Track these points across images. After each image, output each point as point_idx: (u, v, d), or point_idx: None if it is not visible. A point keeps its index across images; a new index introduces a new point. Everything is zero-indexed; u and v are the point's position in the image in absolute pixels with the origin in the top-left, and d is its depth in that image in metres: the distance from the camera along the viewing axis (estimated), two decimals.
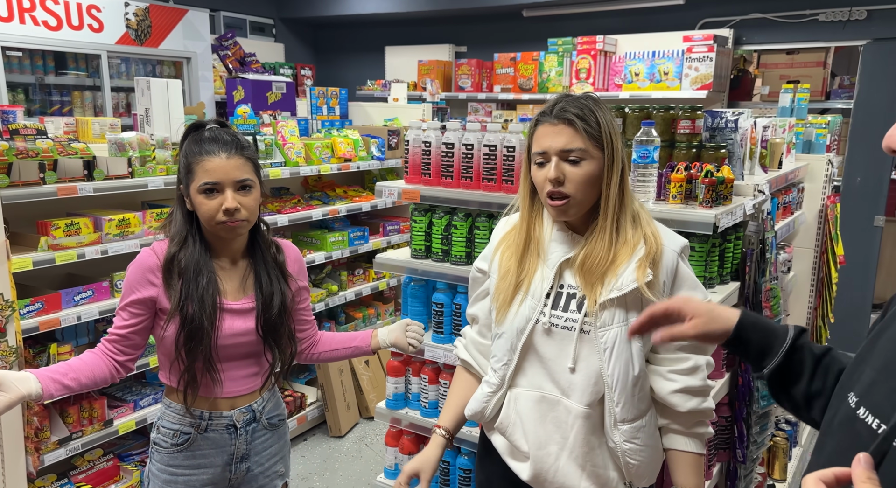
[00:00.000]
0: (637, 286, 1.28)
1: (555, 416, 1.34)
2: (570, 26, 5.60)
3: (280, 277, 1.58)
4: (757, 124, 2.18)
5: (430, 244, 2.13)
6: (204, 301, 1.45)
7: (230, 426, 1.56)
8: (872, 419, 0.70)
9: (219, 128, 1.51)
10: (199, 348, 1.46)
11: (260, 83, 4.92)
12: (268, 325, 1.54)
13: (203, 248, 1.50)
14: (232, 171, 1.43)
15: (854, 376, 0.78)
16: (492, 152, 1.97)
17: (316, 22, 7.15)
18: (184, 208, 1.50)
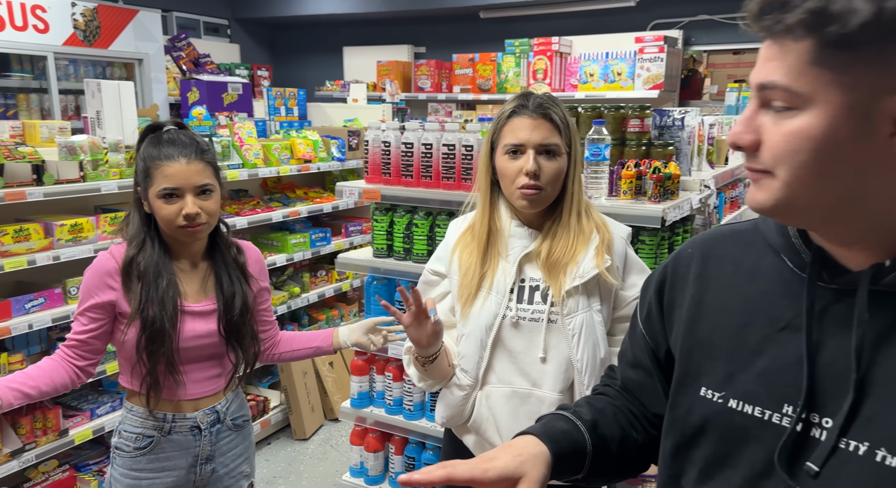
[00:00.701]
0: (598, 271, 1.35)
1: (527, 409, 1.39)
2: (527, 27, 5.70)
3: (241, 278, 1.58)
4: (704, 122, 2.27)
5: (391, 243, 2.15)
6: (164, 303, 1.45)
7: (194, 427, 1.56)
8: (752, 408, 0.71)
9: (177, 129, 1.50)
10: (161, 351, 1.45)
11: (215, 84, 4.85)
12: (230, 327, 1.54)
13: (162, 251, 1.49)
14: (192, 176, 1.43)
15: (692, 370, 0.78)
16: (450, 151, 2.01)
17: (272, 22, 7.07)
18: (141, 210, 1.49)
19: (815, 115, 0.60)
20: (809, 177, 0.62)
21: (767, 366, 0.71)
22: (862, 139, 0.60)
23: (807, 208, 0.65)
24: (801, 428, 0.68)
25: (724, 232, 0.82)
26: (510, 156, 1.35)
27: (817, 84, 0.59)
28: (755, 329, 0.73)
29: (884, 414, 0.62)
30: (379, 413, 2.17)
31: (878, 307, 0.64)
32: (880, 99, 0.58)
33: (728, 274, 0.78)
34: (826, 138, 0.60)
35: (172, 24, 6.14)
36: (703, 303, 0.79)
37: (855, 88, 0.58)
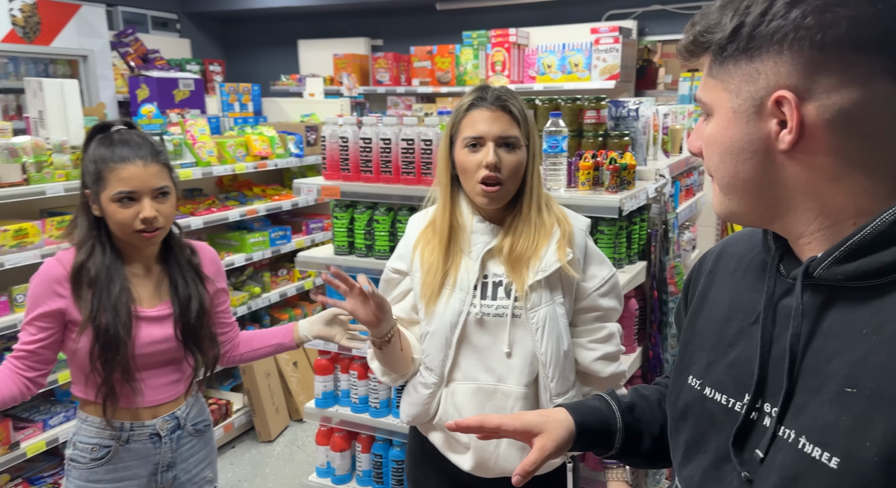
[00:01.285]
0: (560, 265, 1.35)
1: (493, 405, 1.39)
2: (484, 19, 5.69)
3: (196, 280, 1.53)
4: (659, 112, 2.31)
5: (353, 240, 2.13)
6: (118, 310, 1.40)
7: (154, 435, 1.51)
8: (721, 396, 0.75)
9: (127, 129, 1.45)
10: (117, 359, 1.40)
11: (165, 81, 4.70)
12: (187, 330, 1.50)
13: (113, 255, 1.43)
14: (149, 179, 1.39)
15: (686, 359, 0.83)
16: (410, 146, 1.99)
17: (223, 16, 6.89)
18: (89, 214, 1.43)
19: (716, 121, 0.69)
20: (725, 179, 0.70)
21: (737, 357, 0.75)
22: (753, 139, 0.66)
23: (742, 210, 0.71)
24: (755, 417, 0.71)
25: (746, 231, 0.85)
26: (470, 149, 1.34)
27: (714, 94, 0.69)
28: (735, 322, 0.77)
29: (809, 403, 0.65)
30: (345, 412, 2.14)
31: (815, 298, 0.67)
32: (761, 101, 0.65)
33: (730, 270, 0.82)
34: (724, 140, 0.68)
35: (118, 18, 5.92)
36: (705, 298, 0.84)
37: (738, 94, 0.66)
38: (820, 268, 0.66)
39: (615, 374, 1.46)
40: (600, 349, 1.44)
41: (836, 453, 0.61)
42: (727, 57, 0.66)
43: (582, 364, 1.44)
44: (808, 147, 0.64)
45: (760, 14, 0.63)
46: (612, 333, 1.47)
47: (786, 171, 0.66)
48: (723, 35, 0.65)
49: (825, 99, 0.62)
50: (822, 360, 0.65)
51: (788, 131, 0.63)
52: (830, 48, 0.61)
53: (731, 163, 0.68)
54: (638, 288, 2.03)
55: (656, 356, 2.03)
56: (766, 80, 0.64)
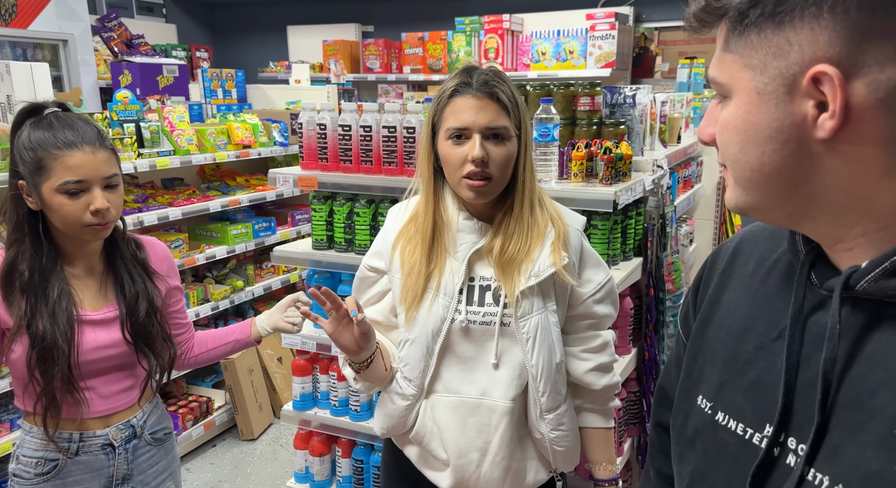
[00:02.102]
0: (555, 270, 1.22)
1: (476, 421, 1.27)
2: (477, 5, 5.54)
3: (144, 276, 1.41)
4: (656, 100, 2.19)
5: (332, 234, 2.01)
6: (56, 315, 1.27)
7: (106, 445, 1.40)
8: (736, 424, 0.64)
9: (62, 112, 1.31)
10: (55, 369, 1.28)
11: (149, 66, 4.55)
12: (137, 330, 1.38)
13: (51, 254, 1.31)
14: (100, 167, 1.26)
15: (695, 375, 0.72)
16: (391, 134, 1.87)
17: (211, 1, 6.72)
18: (21, 208, 1.29)
19: (735, 104, 0.57)
20: (745, 172, 0.58)
21: (757, 380, 0.63)
22: (783, 125, 0.54)
23: (765, 206, 0.59)
24: (777, 453, 0.59)
25: (767, 226, 0.74)
26: (454, 141, 1.19)
27: (732, 71, 0.57)
28: (753, 336, 0.66)
29: (847, 444, 0.54)
30: (324, 415, 2.04)
31: (856, 316, 0.56)
32: (793, 78, 0.53)
33: (748, 272, 0.71)
34: (747, 126, 0.56)
35: (101, 2, 5.75)
36: (717, 304, 0.73)
37: (763, 70, 0.54)
38: (865, 281, 0.54)
39: (608, 386, 1.35)
40: (593, 359, 1.32)
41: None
42: (749, 25, 0.54)
43: (573, 375, 1.33)
44: (853, 134, 0.52)
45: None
46: (607, 342, 1.35)
47: (824, 164, 0.54)
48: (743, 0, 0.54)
49: (877, 74, 0.49)
50: (863, 393, 0.54)
51: (830, 115, 0.51)
52: (884, 8, 0.48)
53: (755, 155, 0.56)
54: (633, 285, 1.92)
55: (652, 358, 1.93)
56: (801, 52, 0.52)
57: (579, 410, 1.37)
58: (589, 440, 1.37)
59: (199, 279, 3.41)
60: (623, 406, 1.91)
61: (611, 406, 1.38)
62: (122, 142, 2.74)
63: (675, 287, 1.99)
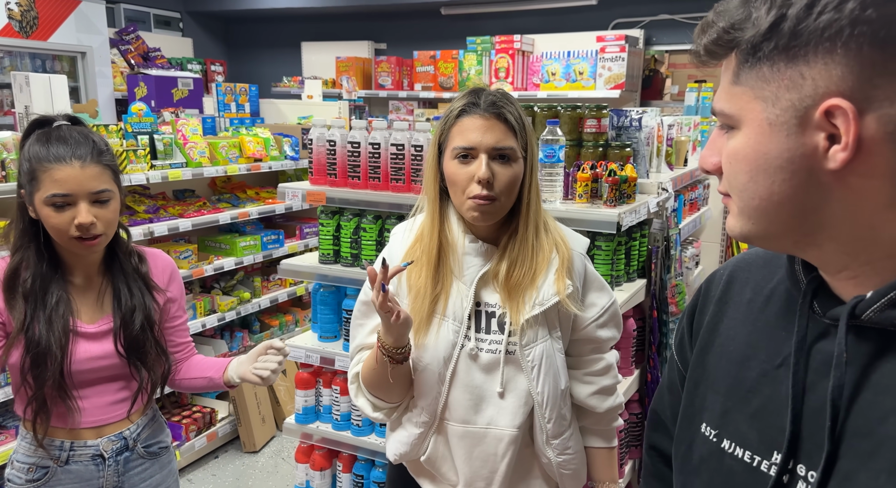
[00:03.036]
0: (559, 299, 1.22)
1: (482, 450, 1.26)
2: (488, 25, 5.61)
3: (143, 289, 1.41)
4: (663, 123, 2.21)
5: (338, 248, 2.04)
6: (52, 322, 1.29)
7: (97, 456, 1.40)
8: (743, 452, 0.65)
9: (70, 125, 1.33)
10: (47, 374, 1.29)
11: (164, 79, 4.64)
12: (129, 343, 1.38)
13: (52, 263, 1.33)
14: (87, 182, 1.26)
15: (697, 403, 0.73)
16: (399, 151, 1.89)
17: (227, 16, 6.84)
18: (26, 216, 1.32)
19: (744, 135, 0.58)
20: (754, 201, 0.59)
21: (762, 407, 0.64)
22: (794, 156, 0.55)
23: (769, 235, 0.60)
24: (787, 480, 0.60)
25: (759, 253, 0.75)
26: (460, 160, 1.18)
27: (741, 102, 0.58)
28: (755, 363, 0.66)
29: (859, 471, 0.54)
30: (325, 429, 2.04)
31: (862, 345, 0.56)
32: (805, 111, 0.54)
33: (745, 300, 0.71)
34: (757, 156, 0.57)
35: (120, 16, 5.87)
36: (716, 331, 0.73)
37: (775, 102, 0.55)
38: (871, 311, 0.55)
39: (612, 408, 1.34)
40: (597, 383, 1.32)
41: None
42: (762, 58, 0.55)
43: (577, 398, 1.32)
44: (862, 166, 0.53)
45: (807, 6, 0.52)
46: (610, 365, 1.34)
47: (832, 194, 0.55)
48: (757, 31, 0.54)
49: (888, 108, 0.51)
50: (872, 420, 0.55)
51: (842, 147, 0.52)
52: (894, 46, 0.50)
53: (765, 185, 0.57)
54: (637, 307, 1.93)
55: (654, 379, 1.93)
56: (814, 85, 0.53)
57: (583, 431, 1.36)
58: (593, 460, 1.37)
59: (207, 290, 3.44)
60: (625, 427, 1.90)
61: (614, 426, 1.38)
62: (136, 154, 2.79)
63: (679, 309, 2.00)
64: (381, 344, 1.20)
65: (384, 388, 1.27)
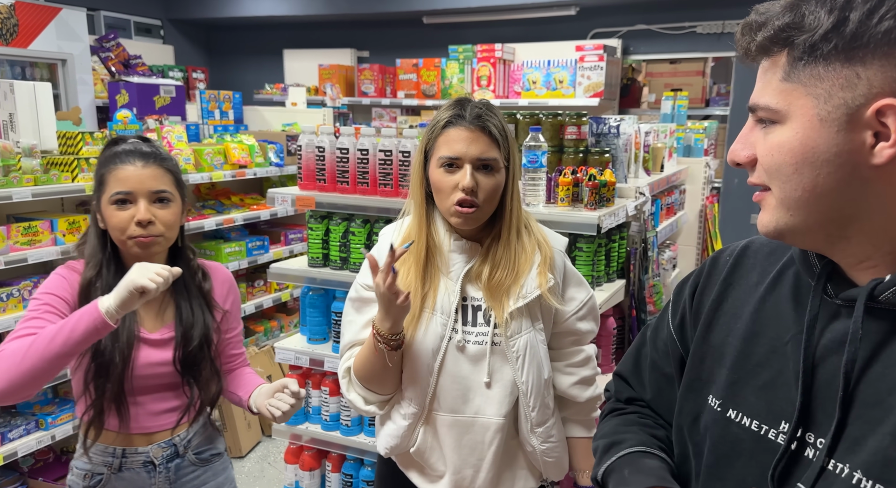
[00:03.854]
0: (541, 292, 1.29)
1: (470, 439, 1.32)
2: (470, 34, 5.70)
3: (204, 307, 1.45)
4: (640, 130, 2.30)
5: (327, 252, 2.08)
6: (118, 332, 1.34)
7: (148, 463, 1.42)
8: (750, 421, 0.70)
9: (140, 141, 1.42)
10: (108, 383, 1.35)
11: (146, 86, 4.63)
12: (186, 359, 1.41)
13: (119, 273, 1.37)
14: (147, 180, 1.33)
15: (704, 376, 0.77)
16: (387, 157, 1.95)
17: (208, 23, 6.85)
18: (97, 228, 1.39)
19: (792, 128, 0.61)
20: (797, 192, 0.62)
21: (770, 380, 0.69)
22: (842, 150, 0.59)
23: (807, 227, 0.64)
24: (795, 447, 0.66)
25: (763, 241, 0.80)
26: (445, 169, 1.26)
27: (792, 98, 0.61)
28: (763, 340, 0.71)
29: (867, 436, 0.60)
30: (315, 429, 2.08)
31: (876, 323, 0.62)
32: (857, 109, 0.58)
33: (752, 283, 0.76)
34: (805, 150, 0.61)
35: (100, 23, 5.85)
36: (721, 310, 0.78)
37: (827, 100, 0.59)
38: (889, 292, 0.60)
39: (592, 398, 1.42)
40: (577, 373, 1.39)
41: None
42: (818, 57, 0.59)
43: (559, 388, 1.39)
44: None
45: (868, 12, 0.56)
46: (590, 356, 1.42)
47: (871, 188, 0.60)
48: (817, 33, 0.58)
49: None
50: (882, 391, 0.60)
51: (891, 144, 0.57)
52: None
53: (810, 176, 0.61)
54: (616, 306, 2.00)
55: None
56: (868, 85, 0.57)
57: (565, 421, 1.43)
58: (574, 449, 1.43)
59: None
60: None
61: (594, 416, 1.45)
62: None
63: (657, 308, 2.07)
64: (376, 331, 1.25)
65: (377, 379, 1.32)
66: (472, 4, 5.39)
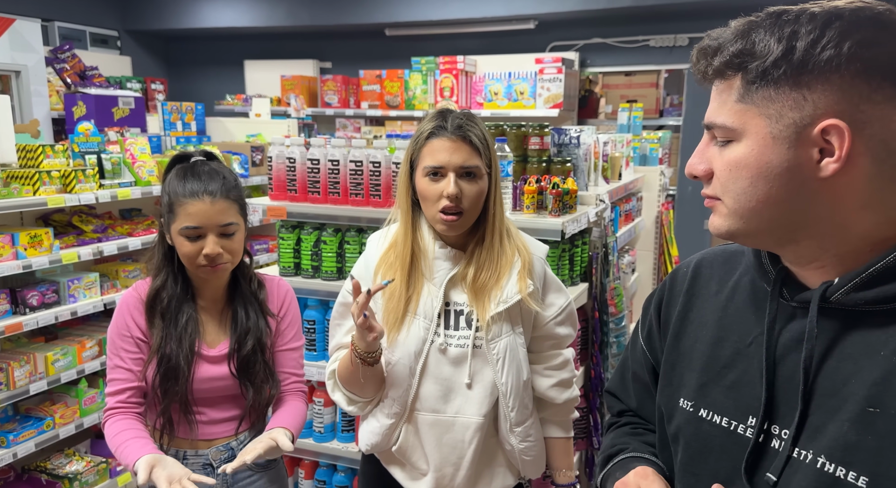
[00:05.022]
0: (521, 297, 1.35)
1: (450, 437, 1.37)
2: (432, 46, 5.80)
3: (258, 313, 1.50)
4: (599, 140, 2.40)
5: (299, 261, 2.11)
6: (182, 340, 1.40)
7: (207, 465, 1.47)
8: (720, 418, 0.75)
9: (205, 161, 1.45)
10: (175, 389, 1.40)
11: (104, 98, 4.56)
12: (241, 363, 1.45)
13: (184, 285, 1.44)
14: (215, 216, 1.37)
15: (675, 382, 0.83)
16: (358, 167, 2.00)
17: (167, 34, 6.77)
18: (165, 243, 1.43)
19: (747, 145, 0.67)
20: (751, 203, 0.68)
21: (737, 380, 0.75)
22: (792, 165, 0.66)
23: (758, 232, 0.70)
24: (763, 440, 0.71)
25: (717, 251, 0.86)
26: (431, 178, 1.31)
27: (746, 118, 0.67)
28: (728, 344, 0.77)
29: (827, 424, 0.66)
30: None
31: (828, 322, 0.68)
32: (805, 128, 0.64)
33: (712, 292, 0.82)
34: (759, 166, 0.67)
35: (55, 34, 5.73)
36: (687, 319, 0.84)
37: (778, 119, 0.65)
38: (839, 293, 0.66)
39: (569, 400, 1.47)
40: (556, 376, 1.45)
41: (863, 472, 0.62)
42: (769, 81, 0.65)
43: (538, 390, 1.45)
44: (845, 176, 0.64)
45: (812, 42, 0.62)
46: (567, 359, 1.47)
47: (818, 198, 0.66)
48: (768, 59, 0.64)
49: (870, 129, 0.63)
50: (837, 382, 0.66)
51: (835, 160, 0.64)
52: (877, 81, 0.62)
53: (764, 189, 0.67)
54: (580, 309, 2.08)
55: (598, 375, 2.09)
56: (814, 107, 0.64)
57: (543, 422, 1.49)
58: (551, 449, 1.49)
59: None
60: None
61: (571, 417, 1.51)
62: (84, 174, 2.78)
63: (618, 310, 2.17)
64: (354, 347, 1.31)
65: (357, 386, 1.37)
66: (433, 17, 5.49)
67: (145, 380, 1.42)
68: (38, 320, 2.45)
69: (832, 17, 0.63)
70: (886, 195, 0.65)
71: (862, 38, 0.62)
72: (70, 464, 2.63)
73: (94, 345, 2.69)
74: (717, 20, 0.83)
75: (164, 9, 6.31)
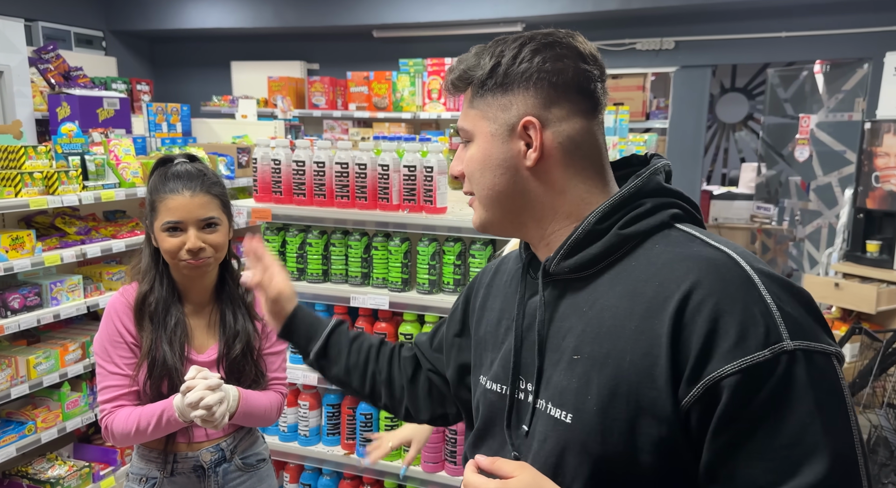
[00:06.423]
0: None
1: None
2: (420, 48, 5.80)
3: (246, 316, 1.51)
4: None
5: (284, 263, 2.10)
6: (172, 343, 1.41)
7: (198, 467, 1.47)
8: (495, 385, 0.89)
9: (186, 162, 1.46)
10: (167, 392, 1.40)
11: (88, 99, 4.52)
12: (230, 368, 1.47)
13: (171, 288, 1.45)
14: (195, 210, 1.40)
15: (478, 362, 0.97)
16: (344, 169, 1.99)
17: (152, 35, 6.72)
18: (151, 246, 1.45)
19: (477, 143, 0.83)
20: (487, 192, 0.83)
21: (506, 350, 0.89)
22: (507, 157, 0.81)
23: (499, 220, 0.85)
24: (522, 397, 0.84)
25: (515, 252, 0.98)
26: None
27: (475, 121, 0.83)
28: (504, 322, 0.92)
29: (553, 374, 0.80)
30: (272, 440, 2.08)
31: (553, 290, 0.83)
32: (513, 126, 0.80)
33: (503, 283, 0.97)
34: (485, 159, 0.82)
35: (38, 34, 5.67)
36: (485, 308, 0.98)
37: (495, 120, 0.81)
38: (552, 265, 0.81)
39: None
40: None
41: (569, 410, 0.76)
42: (486, 90, 0.81)
43: None
44: (545, 165, 0.80)
45: (512, 57, 0.79)
46: None
47: (530, 184, 0.82)
48: (483, 72, 0.81)
49: (557, 126, 0.80)
50: (559, 339, 0.80)
51: (533, 150, 0.80)
52: (561, 88, 0.79)
53: (490, 177, 0.83)
54: None
55: None
56: (517, 109, 0.80)
57: None
58: None
59: None
60: None
61: None
62: (68, 175, 2.74)
63: None
64: None
65: None
66: (421, 19, 5.49)
67: (138, 384, 1.43)
68: (20, 323, 2.42)
69: (528, 40, 0.80)
70: (580, 180, 0.81)
71: (548, 56, 0.78)
72: (52, 469, 2.60)
73: (77, 349, 2.66)
74: (702, 23, 0.88)
75: (149, 9, 6.27)
